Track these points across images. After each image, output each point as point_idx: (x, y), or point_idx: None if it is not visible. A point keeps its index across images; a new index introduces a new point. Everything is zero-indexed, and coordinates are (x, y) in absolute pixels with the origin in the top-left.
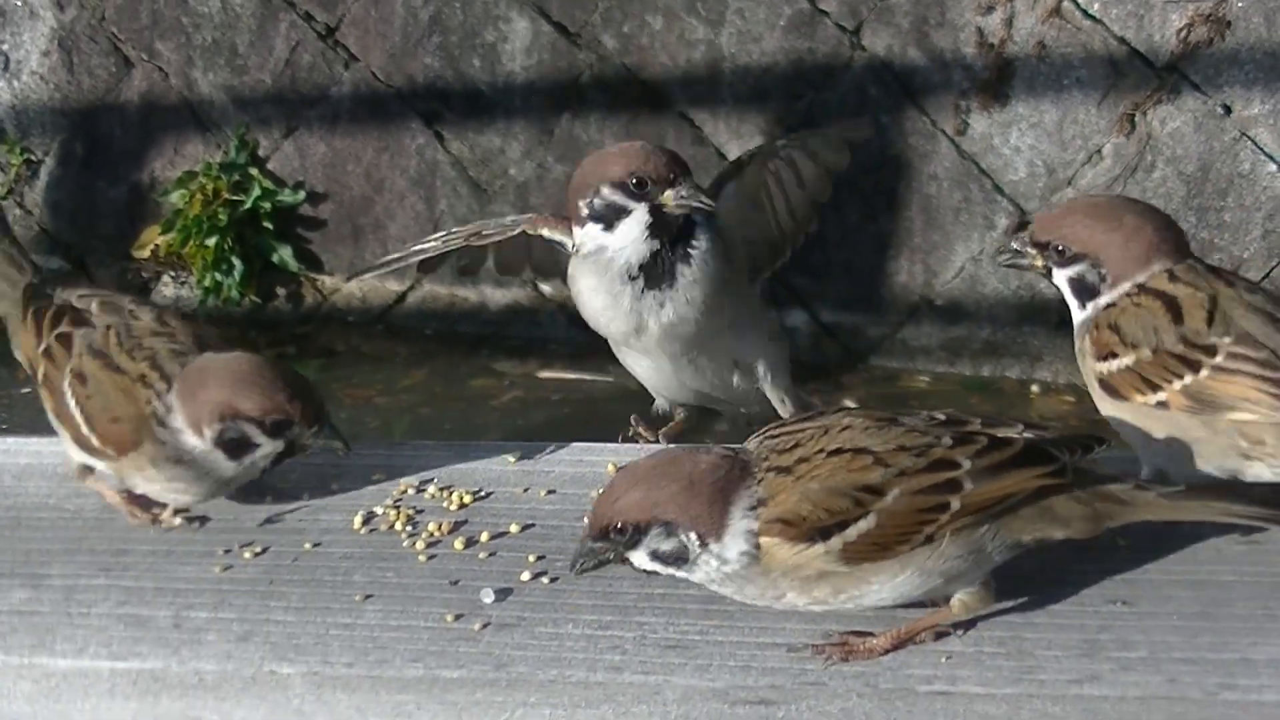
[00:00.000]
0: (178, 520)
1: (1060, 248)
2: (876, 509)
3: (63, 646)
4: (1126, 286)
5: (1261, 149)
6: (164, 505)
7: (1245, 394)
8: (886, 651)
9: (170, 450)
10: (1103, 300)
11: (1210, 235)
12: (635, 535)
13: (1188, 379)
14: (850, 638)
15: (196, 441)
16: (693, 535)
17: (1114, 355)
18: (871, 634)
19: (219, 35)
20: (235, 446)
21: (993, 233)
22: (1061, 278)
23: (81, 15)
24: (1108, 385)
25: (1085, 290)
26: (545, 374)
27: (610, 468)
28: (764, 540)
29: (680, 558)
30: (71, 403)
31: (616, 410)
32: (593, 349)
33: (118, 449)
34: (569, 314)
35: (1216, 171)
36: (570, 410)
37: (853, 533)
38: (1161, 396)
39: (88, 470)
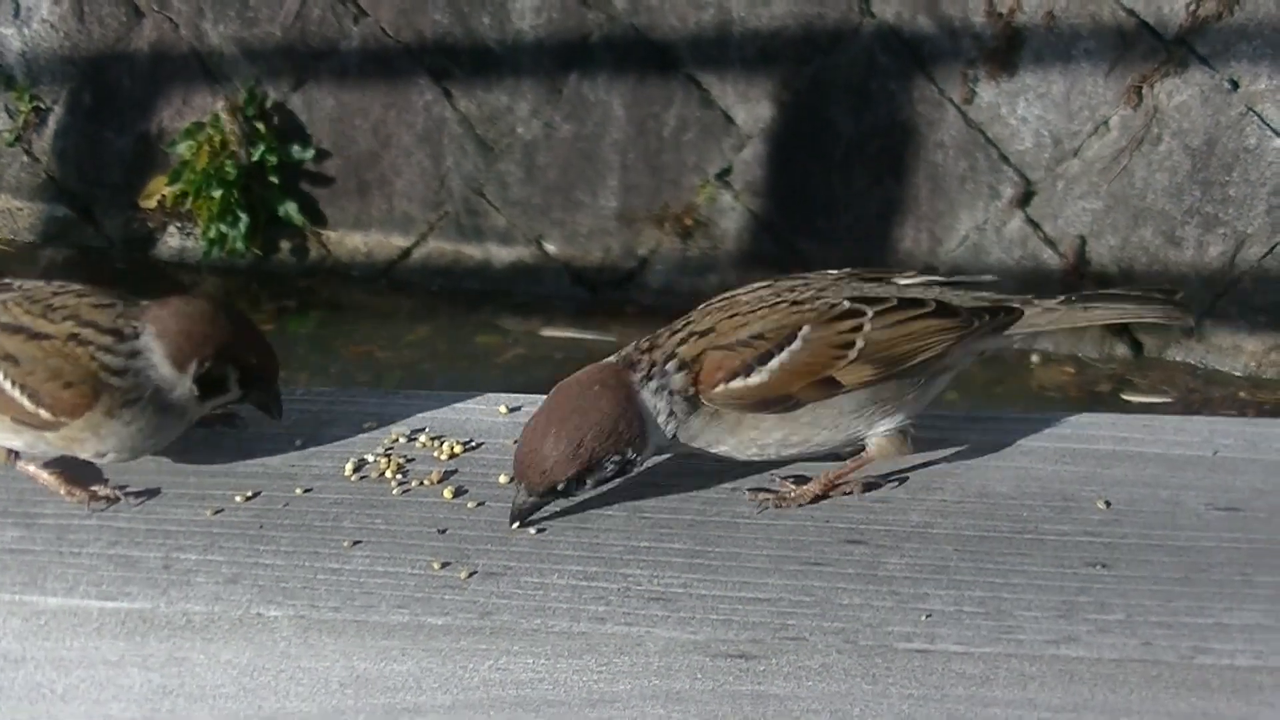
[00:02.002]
0: (118, 495)
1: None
2: (800, 338)
3: (53, 585)
4: None
5: (1268, 124)
6: (101, 482)
7: None
8: (817, 498)
9: (129, 395)
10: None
11: (1215, 210)
12: (580, 480)
13: None
14: (784, 485)
15: (172, 375)
16: (629, 451)
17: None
18: (805, 478)
19: None
20: (209, 386)
21: (998, 202)
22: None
23: None
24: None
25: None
26: (548, 332)
27: None
28: (701, 381)
29: (628, 466)
30: (7, 385)
31: None
32: (595, 308)
33: (72, 413)
34: (573, 272)
35: (1222, 146)
36: (572, 369)
37: (775, 364)
38: None
39: (13, 455)
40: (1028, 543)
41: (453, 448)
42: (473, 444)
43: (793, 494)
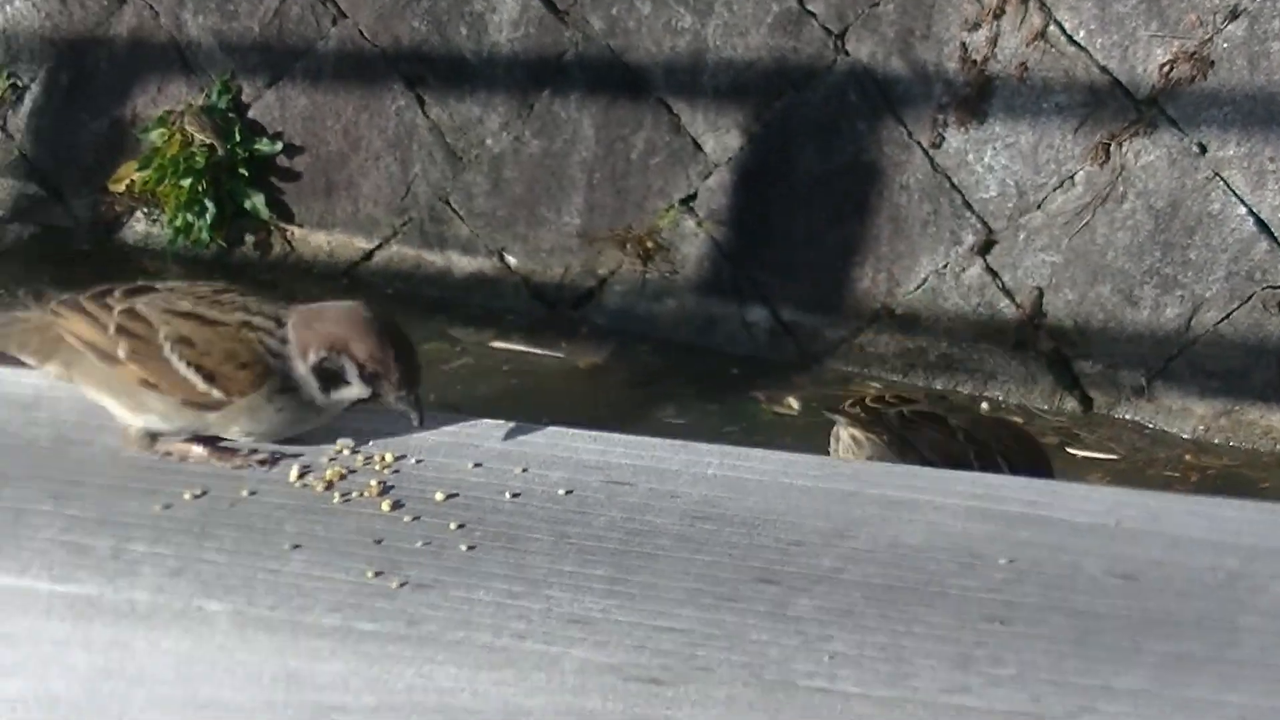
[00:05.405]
0: (261, 457)
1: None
2: None
3: (7, 564)
4: None
5: (1233, 190)
6: (247, 453)
7: None
8: None
9: (281, 381)
10: None
11: (1174, 272)
12: None
13: None
14: None
15: (301, 366)
16: None
17: None
18: None
19: None
20: (329, 378)
21: (958, 248)
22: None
23: None
24: None
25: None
26: (498, 344)
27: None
28: None
29: None
30: (182, 366)
31: (563, 387)
32: (550, 325)
33: (242, 392)
34: (532, 287)
35: (1186, 209)
36: (517, 382)
37: None
38: None
39: (151, 439)
40: (932, 595)
41: (394, 462)
42: (412, 460)
43: None
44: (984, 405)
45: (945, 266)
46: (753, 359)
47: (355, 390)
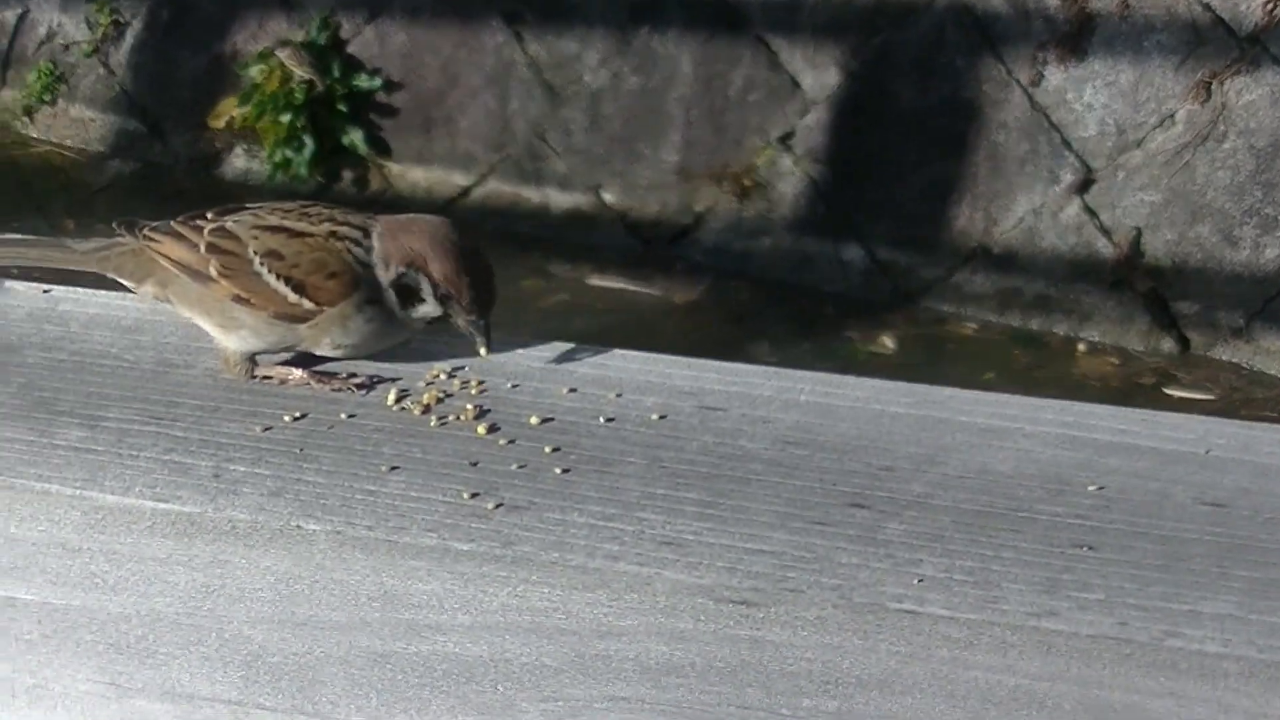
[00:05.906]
0: (359, 381)
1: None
2: None
3: (111, 484)
4: None
5: None
6: (345, 376)
7: None
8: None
9: (369, 291)
10: None
11: (1275, 212)
12: None
13: None
14: None
15: (384, 276)
16: None
17: None
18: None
19: None
20: (406, 293)
21: (1056, 187)
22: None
23: None
24: None
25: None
26: (595, 281)
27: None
28: None
29: None
30: (272, 278)
31: (658, 323)
32: (645, 262)
33: (332, 301)
34: (628, 223)
35: None
36: (613, 319)
37: None
38: None
39: (252, 362)
40: (1020, 520)
41: (490, 387)
42: (508, 385)
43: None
44: (1081, 346)
45: (1043, 205)
46: (847, 297)
47: (429, 308)
